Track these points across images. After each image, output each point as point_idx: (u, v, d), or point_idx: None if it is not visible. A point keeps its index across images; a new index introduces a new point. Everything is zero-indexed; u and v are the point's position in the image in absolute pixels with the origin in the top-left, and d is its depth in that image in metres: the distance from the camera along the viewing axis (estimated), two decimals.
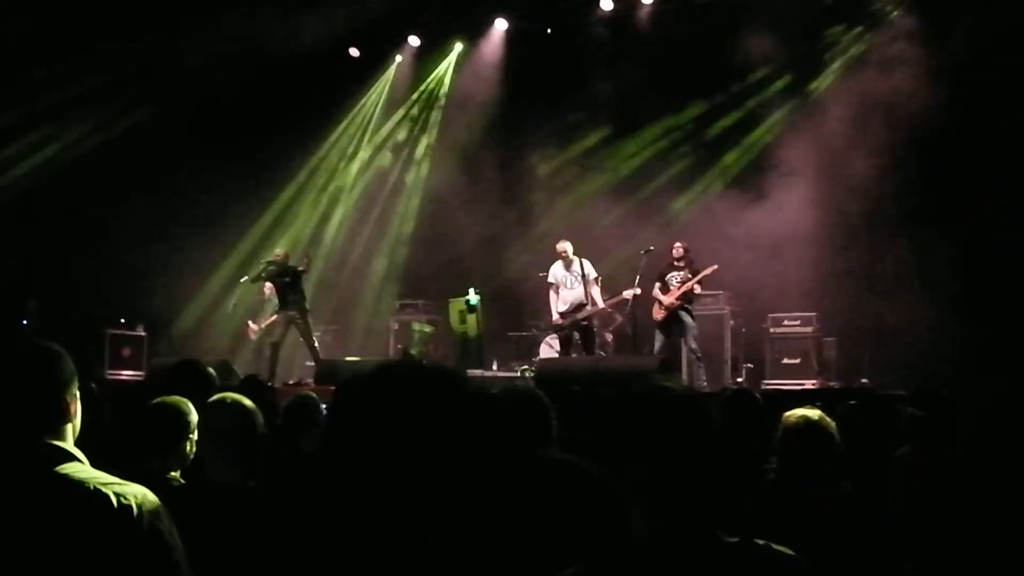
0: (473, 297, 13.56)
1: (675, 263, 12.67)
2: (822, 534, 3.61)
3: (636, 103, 15.50)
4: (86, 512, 2.36)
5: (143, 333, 15.14)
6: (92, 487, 2.39)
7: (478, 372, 14.93)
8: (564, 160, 16.25)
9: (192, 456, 3.98)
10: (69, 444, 2.51)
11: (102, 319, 14.76)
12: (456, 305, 13.55)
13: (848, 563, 3.64)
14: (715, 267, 12.51)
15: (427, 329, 13.76)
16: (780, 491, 4.08)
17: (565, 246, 12.86)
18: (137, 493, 2.42)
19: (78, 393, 2.56)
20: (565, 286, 12.88)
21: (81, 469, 2.45)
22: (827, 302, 13.16)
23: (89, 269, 14.20)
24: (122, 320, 15.00)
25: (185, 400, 3.99)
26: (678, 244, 12.77)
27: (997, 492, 3.60)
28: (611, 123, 15.88)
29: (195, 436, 3.98)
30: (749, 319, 13.75)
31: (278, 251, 13.85)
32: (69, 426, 2.53)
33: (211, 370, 5.18)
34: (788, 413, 4.27)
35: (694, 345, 12.45)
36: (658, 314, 12.64)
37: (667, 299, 12.56)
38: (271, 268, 13.41)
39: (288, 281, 13.32)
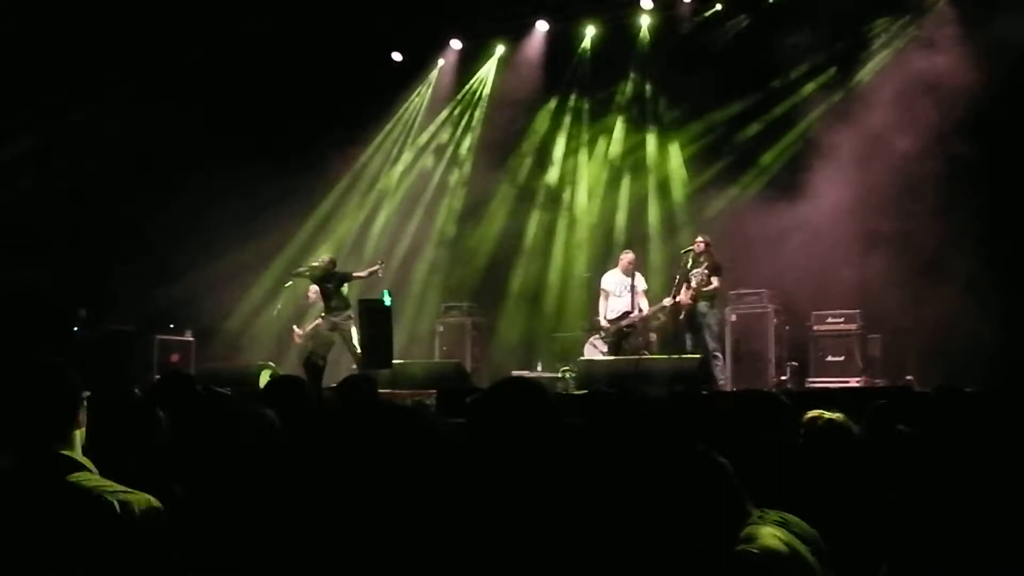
0: (387, 298, 13.53)
1: (698, 258, 12.68)
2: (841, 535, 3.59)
3: (677, 101, 15.50)
4: (90, 519, 2.44)
5: (191, 339, 15.34)
6: (96, 495, 2.48)
7: (524, 372, 15.04)
8: (605, 160, 16.24)
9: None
10: (77, 453, 2.61)
11: (151, 325, 14.99)
12: (365, 306, 13.40)
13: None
14: (717, 270, 12.54)
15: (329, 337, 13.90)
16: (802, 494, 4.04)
17: (631, 257, 13.24)
18: (141, 500, 2.51)
19: (85, 403, 2.66)
20: (615, 294, 13.25)
21: (89, 477, 2.55)
22: (872, 299, 13.01)
23: (137, 276, 14.41)
24: (171, 326, 15.23)
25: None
26: (699, 239, 12.77)
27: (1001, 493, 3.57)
28: (652, 122, 15.86)
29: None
30: (793, 317, 13.63)
31: (324, 256, 13.94)
32: (77, 434, 2.63)
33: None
34: (810, 414, 4.21)
35: (712, 344, 12.45)
36: (680, 313, 12.68)
37: (682, 297, 12.60)
38: (315, 271, 13.52)
39: (331, 287, 13.43)
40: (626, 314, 13.13)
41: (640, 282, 13.19)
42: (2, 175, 13.31)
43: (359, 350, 13.51)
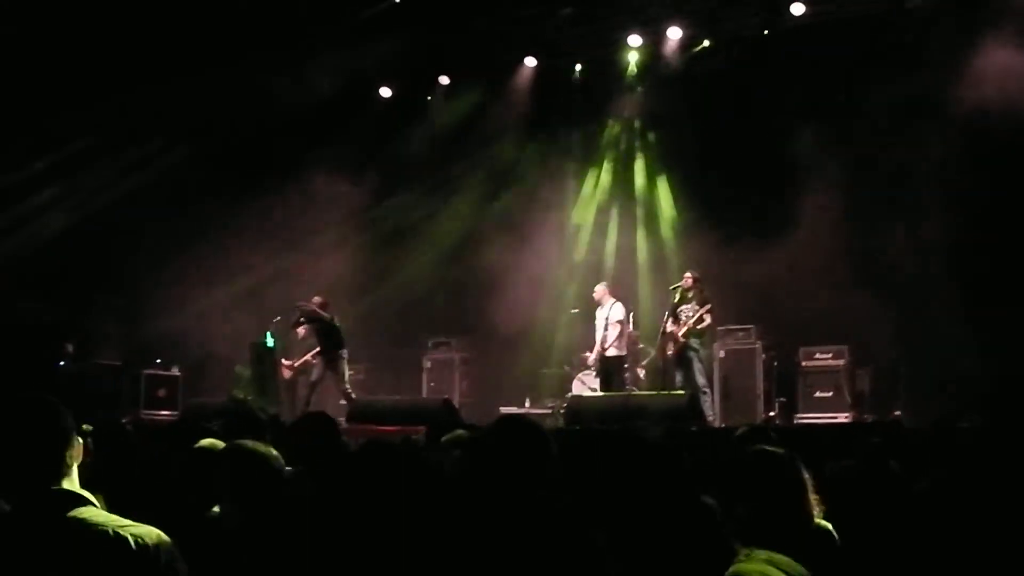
0: (269, 340, 13.91)
1: (686, 294, 12.72)
2: None
3: (665, 137, 15.57)
4: (107, 556, 2.42)
5: (178, 373, 15.28)
6: (111, 531, 2.45)
7: (513, 408, 14.99)
8: (593, 195, 16.29)
9: None
10: (77, 487, 2.58)
11: (138, 359, 14.93)
12: (254, 348, 14.01)
13: None
14: (708, 306, 12.60)
15: (247, 373, 14.14)
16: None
17: (595, 289, 13.42)
18: (152, 534, 2.50)
19: (80, 440, 2.64)
20: (600, 328, 13.24)
21: (96, 513, 2.52)
22: (860, 333, 13.02)
23: (124, 310, 14.37)
24: (158, 360, 15.16)
25: (220, 443, 4.18)
26: (688, 275, 12.83)
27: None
28: (640, 158, 15.92)
29: None
30: (781, 352, 13.64)
31: (316, 298, 14.05)
32: (75, 469, 2.61)
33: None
34: (755, 449, 3.99)
35: (701, 380, 12.47)
36: (669, 349, 12.69)
37: (673, 331, 12.64)
38: (305, 312, 13.71)
39: (319, 327, 13.60)
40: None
41: (612, 313, 13.17)
42: None
43: (348, 388, 13.65)
